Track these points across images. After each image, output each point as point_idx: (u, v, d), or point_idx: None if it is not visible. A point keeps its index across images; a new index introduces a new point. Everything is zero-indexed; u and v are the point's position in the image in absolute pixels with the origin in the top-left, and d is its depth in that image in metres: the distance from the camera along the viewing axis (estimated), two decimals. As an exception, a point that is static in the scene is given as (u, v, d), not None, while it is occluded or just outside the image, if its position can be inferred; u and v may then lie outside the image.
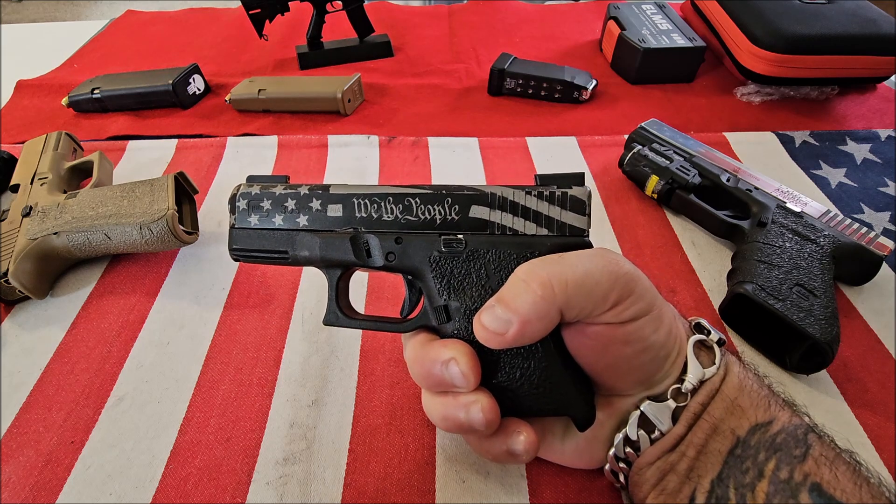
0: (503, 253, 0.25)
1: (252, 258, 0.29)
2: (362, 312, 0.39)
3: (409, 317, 0.28)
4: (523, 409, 0.26)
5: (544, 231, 0.25)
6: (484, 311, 0.24)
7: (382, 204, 0.26)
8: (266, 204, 0.28)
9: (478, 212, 0.25)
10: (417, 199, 0.26)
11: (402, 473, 0.30)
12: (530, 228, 0.25)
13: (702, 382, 0.25)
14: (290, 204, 0.28)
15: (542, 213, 0.25)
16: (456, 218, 0.26)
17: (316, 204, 0.27)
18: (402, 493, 0.30)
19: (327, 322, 0.29)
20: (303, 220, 0.27)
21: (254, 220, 0.28)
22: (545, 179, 0.26)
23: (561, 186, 0.25)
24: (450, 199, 0.26)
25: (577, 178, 0.26)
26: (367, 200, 0.27)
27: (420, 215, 0.26)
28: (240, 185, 0.29)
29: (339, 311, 0.29)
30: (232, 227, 0.29)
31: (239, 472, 0.31)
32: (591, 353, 0.25)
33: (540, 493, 0.29)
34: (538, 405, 0.26)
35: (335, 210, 0.27)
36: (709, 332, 0.27)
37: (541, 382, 0.25)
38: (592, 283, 0.23)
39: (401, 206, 0.26)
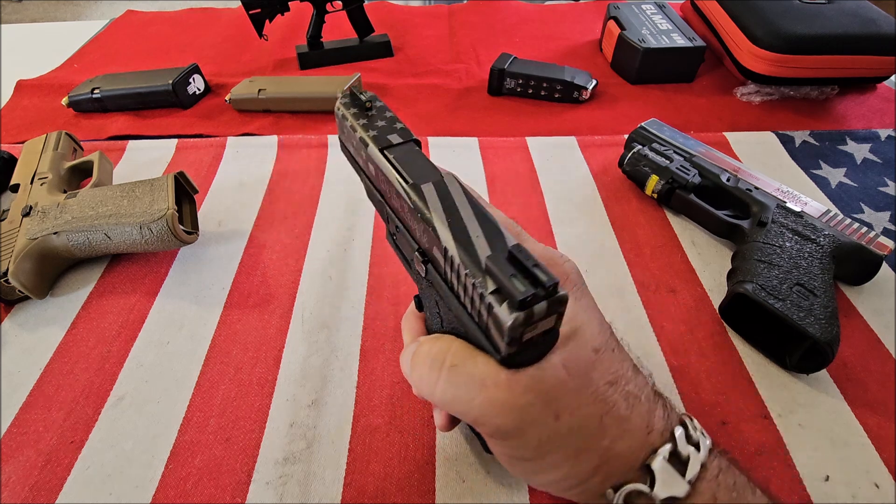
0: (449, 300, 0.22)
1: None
2: (362, 312, 0.40)
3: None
4: None
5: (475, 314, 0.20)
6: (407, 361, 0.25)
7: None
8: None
9: (437, 253, 0.22)
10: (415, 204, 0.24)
11: (402, 473, 0.30)
12: (466, 302, 0.21)
13: None
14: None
15: (476, 306, 0.20)
16: (424, 242, 0.23)
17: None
18: (402, 493, 0.30)
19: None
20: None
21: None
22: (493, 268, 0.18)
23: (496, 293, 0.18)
24: (424, 225, 0.22)
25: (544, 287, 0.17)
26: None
27: (410, 222, 0.24)
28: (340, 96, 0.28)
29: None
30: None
31: (239, 472, 0.31)
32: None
33: (540, 492, 0.29)
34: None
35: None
36: (689, 436, 0.22)
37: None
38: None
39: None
